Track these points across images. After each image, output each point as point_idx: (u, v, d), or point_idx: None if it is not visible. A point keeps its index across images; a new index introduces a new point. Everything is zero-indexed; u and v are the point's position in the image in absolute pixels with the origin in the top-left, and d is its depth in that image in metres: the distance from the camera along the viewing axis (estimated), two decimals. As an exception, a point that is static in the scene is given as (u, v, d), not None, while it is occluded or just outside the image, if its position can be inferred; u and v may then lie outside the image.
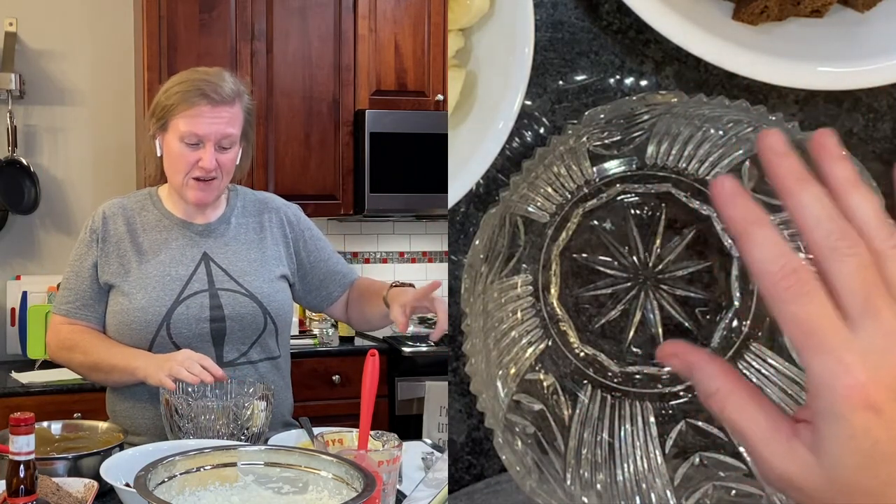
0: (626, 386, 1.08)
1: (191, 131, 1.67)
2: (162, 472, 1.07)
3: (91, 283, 1.73)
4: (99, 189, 3.31)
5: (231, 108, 1.69)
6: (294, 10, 3.31)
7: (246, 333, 1.73)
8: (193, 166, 1.68)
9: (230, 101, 1.69)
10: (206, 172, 1.69)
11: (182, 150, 1.68)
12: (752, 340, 1.09)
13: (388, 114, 3.35)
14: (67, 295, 1.75)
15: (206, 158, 1.67)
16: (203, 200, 1.73)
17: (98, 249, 1.73)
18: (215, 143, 1.68)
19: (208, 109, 1.67)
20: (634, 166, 1.06)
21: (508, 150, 1.05)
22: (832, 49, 0.99)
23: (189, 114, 1.67)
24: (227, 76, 1.73)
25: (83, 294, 1.74)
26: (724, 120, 0.98)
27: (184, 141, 1.68)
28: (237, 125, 1.71)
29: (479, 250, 0.94)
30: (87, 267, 1.74)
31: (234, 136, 1.71)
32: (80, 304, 1.74)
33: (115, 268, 1.72)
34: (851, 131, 1.12)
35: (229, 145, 1.70)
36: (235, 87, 1.72)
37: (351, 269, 1.95)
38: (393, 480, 1.22)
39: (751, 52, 0.97)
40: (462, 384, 1.09)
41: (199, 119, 1.66)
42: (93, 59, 3.36)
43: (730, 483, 1.02)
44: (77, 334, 1.72)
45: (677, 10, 0.95)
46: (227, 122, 1.69)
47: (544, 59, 1.05)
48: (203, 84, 1.68)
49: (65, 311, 1.75)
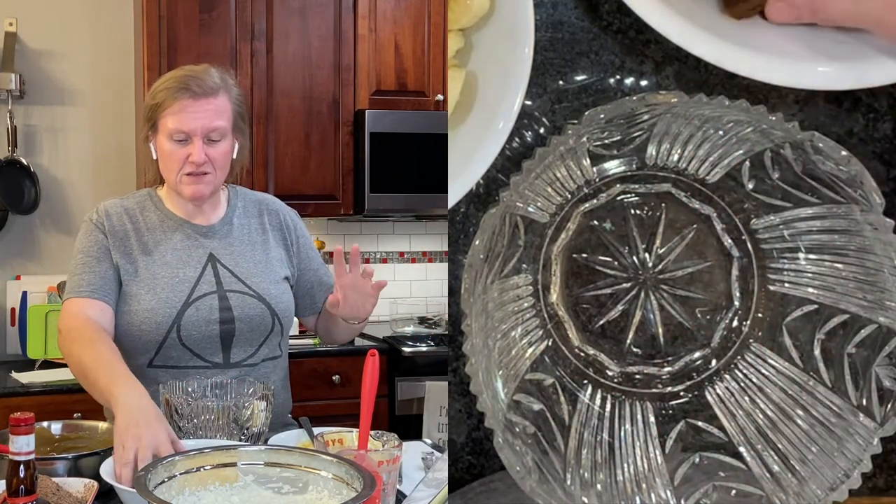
0: (626, 386, 1.08)
1: (177, 128, 1.67)
2: (162, 472, 1.07)
3: (109, 265, 1.69)
4: (99, 189, 3.30)
5: (215, 99, 1.69)
6: (294, 10, 3.31)
7: (254, 335, 1.73)
8: (184, 162, 1.68)
9: (214, 93, 1.69)
10: (196, 166, 1.68)
11: (172, 147, 1.69)
12: (752, 340, 1.09)
13: (388, 114, 3.35)
14: (88, 277, 1.68)
15: (195, 152, 1.67)
16: (198, 194, 1.72)
17: (107, 239, 1.72)
18: (203, 136, 1.68)
19: (191, 103, 1.67)
20: (634, 166, 1.06)
21: (508, 150, 1.05)
22: (832, 49, 0.99)
23: (173, 110, 1.67)
24: (212, 70, 1.73)
25: (104, 275, 1.69)
26: (724, 120, 0.98)
27: (173, 138, 1.68)
28: (225, 117, 1.71)
29: (479, 250, 0.94)
30: (101, 251, 1.70)
31: (223, 129, 1.70)
32: (101, 284, 1.68)
33: (124, 263, 1.71)
34: (851, 131, 1.12)
35: (219, 138, 1.70)
36: (220, 79, 1.72)
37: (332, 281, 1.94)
38: (393, 480, 1.22)
39: (751, 52, 0.97)
40: (462, 384, 1.09)
41: (184, 114, 1.67)
42: (93, 59, 3.36)
43: (730, 483, 1.02)
44: (97, 334, 1.62)
45: (677, 10, 0.95)
46: (212, 114, 1.68)
47: (544, 59, 1.05)
48: (186, 79, 1.68)
49: (88, 292, 1.66)
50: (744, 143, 1.02)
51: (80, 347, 1.59)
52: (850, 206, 0.98)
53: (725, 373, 1.09)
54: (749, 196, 1.07)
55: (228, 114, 1.72)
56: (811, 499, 0.97)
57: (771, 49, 0.98)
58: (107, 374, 1.50)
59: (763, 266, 1.09)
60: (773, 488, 1.00)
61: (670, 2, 0.95)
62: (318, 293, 1.89)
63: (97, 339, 1.60)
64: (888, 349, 0.98)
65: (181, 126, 1.67)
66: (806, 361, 1.04)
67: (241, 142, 1.77)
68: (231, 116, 1.73)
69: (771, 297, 1.08)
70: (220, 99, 1.70)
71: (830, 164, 0.96)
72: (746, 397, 1.06)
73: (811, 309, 1.05)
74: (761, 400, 1.06)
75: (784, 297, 1.07)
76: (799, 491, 0.99)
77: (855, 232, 1.00)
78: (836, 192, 0.99)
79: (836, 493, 0.96)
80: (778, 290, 1.08)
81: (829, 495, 0.97)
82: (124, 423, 1.34)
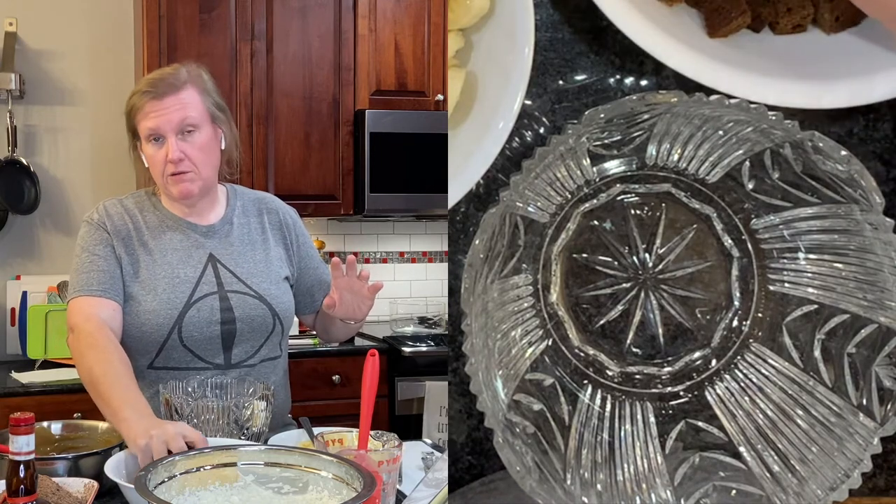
0: (626, 386, 1.08)
1: (150, 128, 1.69)
2: (162, 472, 1.07)
3: (115, 264, 1.69)
4: (98, 189, 3.30)
5: (180, 93, 1.70)
6: (294, 10, 3.31)
7: (255, 335, 1.73)
8: (165, 163, 1.69)
9: (177, 89, 1.70)
10: (174, 164, 1.68)
11: (152, 150, 1.70)
12: (752, 340, 1.09)
13: (388, 114, 3.35)
14: (96, 275, 1.67)
15: (170, 150, 1.68)
16: (185, 192, 1.71)
17: (111, 238, 1.72)
18: (175, 132, 1.68)
19: (156, 103, 1.69)
20: (634, 166, 1.06)
21: (508, 150, 1.05)
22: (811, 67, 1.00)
23: (143, 113, 1.70)
24: (181, 69, 1.75)
25: (112, 273, 1.68)
26: (723, 120, 0.98)
27: (150, 140, 1.69)
28: (194, 108, 1.70)
29: (479, 250, 0.93)
30: (107, 248, 1.70)
31: (194, 119, 1.70)
32: (111, 283, 1.67)
33: (126, 262, 1.71)
34: (851, 131, 1.12)
35: (192, 129, 1.70)
36: (187, 73, 1.73)
37: None
38: (393, 480, 1.22)
39: (730, 68, 0.97)
40: (462, 384, 1.09)
41: (152, 114, 1.69)
42: (93, 59, 3.35)
43: (730, 483, 1.02)
44: (111, 343, 1.60)
45: (659, 25, 0.95)
46: (179, 108, 1.69)
47: (544, 59, 1.05)
48: (153, 82, 1.71)
49: (99, 291, 1.65)
50: (744, 142, 1.02)
51: (95, 355, 1.56)
52: (850, 205, 0.98)
53: (725, 373, 1.09)
54: (749, 196, 1.07)
55: (198, 104, 1.71)
56: (811, 499, 0.97)
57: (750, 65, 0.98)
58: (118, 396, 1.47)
59: (763, 266, 1.09)
60: (773, 488, 1.00)
61: (653, 17, 0.95)
62: (317, 292, 1.89)
63: (111, 350, 1.58)
64: (888, 349, 0.98)
65: (151, 125, 1.68)
66: (806, 361, 1.04)
67: (223, 131, 1.77)
68: (203, 107, 1.72)
69: (771, 297, 1.08)
70: (185, 92, 1.70)
71: (830, 164, 0.96)
72: (746, 397, 1.06)
73: (811, 309, 1.05)
74: (761, 400, 1.06)
75: (784, 297, 1.07)
76: (799, 491, 0.99)
77: (855, 232, 1.00)
78: (836, 191, 0.99)
79: (836, 493, 0.96)
80: (778, 290, 1.08)
81: (830, 495, 0.97)
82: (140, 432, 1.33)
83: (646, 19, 0.94)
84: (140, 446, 1.30)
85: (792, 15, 1.01)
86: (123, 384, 1.51)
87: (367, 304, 1.71)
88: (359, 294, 1.69)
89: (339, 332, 1.87)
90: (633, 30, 0.93)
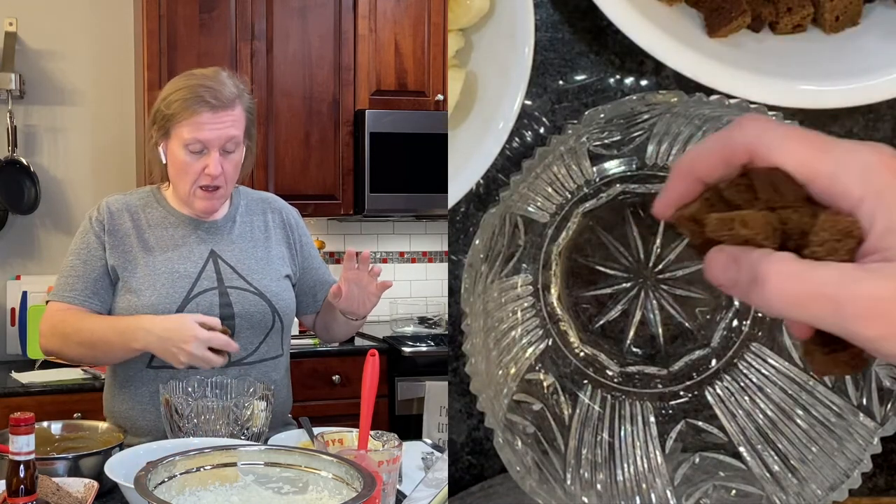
0: (626, 386, 1.08)
1: (194, 138, 1.66)
2: (162, 472, 1.07)
3: (102, 272, 1.70)
4: (99, 189, 3.30)
5: (233, 111, 1.69)
6: (294, 10, 3.31)
7: (255, 332, 1.73)
8: (200, 174, 1.68)
9: (231, 104, 1.68)
10: (212, 180, 1.68)
11: (187, 158, 1.68)
12: (752, 340, 1.09)
13: (388, 114, 3.35)
14: (73, 282, 1.69)
15: (211, 165, 1.66)
16: (210, 209, 1.73)
17: (106, 238, 1.72)
18: (220, 147, 1.67)
19: (210, 116, 1.66)
20: (634, 166, 1.06)
21: (508, 150, 1.05)
22: (811, 67, 1.00)
23: (191, 122, 1.66)
24: (224, 77, 1.72)
25: (92, 282, 1.70)
26: (724, 120, 0.98)
27: (188, 148, 1.67)
28: (240, 127, 1.71)
29: (479, 250, 0.93)
30: (95, 254, 1.71)
31: (238, 138, 1.70)
32: (89, 291, 1.69)
33: (122, 261, 1.71)
34: (851, 131, 1.12)
35: (233, 148, 1.70)
36: (235, 88, 1.72)
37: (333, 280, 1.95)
38: (393, 480, 1.22)
39: (730, 68, 0.97)
40: (462, 384, 1.09)
41: (202, 126, 1.66)
42: (93, 59, 3.36)
43: (730, 483, 1.02)
44: (70, 314, 1.66)
45: (659, 25, 0.95)
46: (230, 125, 1.68)
47: (544, 59, 1.05)
48: (202, 90, 1.66)
49: (70, 297, 1.69)
50: (744, 143, 1.02)
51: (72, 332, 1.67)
52: (850, 205, 0.98)
53: (725, 373, 1.09)
54: (749, 196, 1.06)
55: (242, 123, 1.72)
56: (811, 499, 0.97)
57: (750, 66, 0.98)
58: (113, 332, 1.64)
59: (763, 266, 1.09)
60: (773, 488, 1.00)
61: (652, 17, 0.95)
62: (319, 292, 1.90)
63: (80, 316, 1.68)
64: (888, 349, 0.98)
65: (199, 136, 1.65)
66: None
67: (248, 145, 1.77)
68: (244, 125, 1.73)
69: (771, 296, 1.08)
70: (237, 109, 1.70)
71: (830, 164, 0.96)
72: (746, 397, 1.06)
73: (811, 309, 1.05)
74: (761, 400, 1.05)
75: (784, 296, 1.07)
76: (799, 491, 0.99)
77: (855, 232, 1.00)
78: (836, 191, 0.99)
79: (836, 493, 0.96)
80: (778, 290, 1.08)
81: (829, 495, 0.97)
82: (161, 346, 1.59)
83: (646, 19, 0.93)
84: (189, 352, 1.55)
85: (792, 15, 1.01)
86: (111, 318, 1.69)
87: (371, 300, 1.72)
88: (366, 289, 1.69)
89: (340, 329, 1.87)
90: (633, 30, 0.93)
